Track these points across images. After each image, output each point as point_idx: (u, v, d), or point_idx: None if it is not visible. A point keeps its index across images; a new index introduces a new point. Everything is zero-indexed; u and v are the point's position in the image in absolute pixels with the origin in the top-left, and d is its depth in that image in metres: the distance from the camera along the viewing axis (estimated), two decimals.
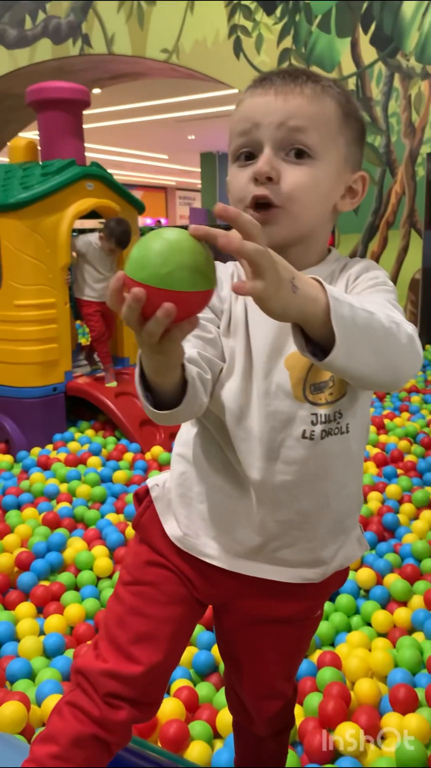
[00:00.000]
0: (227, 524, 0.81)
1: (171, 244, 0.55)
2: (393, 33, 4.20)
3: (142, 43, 5.05)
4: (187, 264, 0.55)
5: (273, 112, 0.74)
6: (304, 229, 0.76)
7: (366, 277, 0.78)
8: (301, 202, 0.74)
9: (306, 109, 0.74)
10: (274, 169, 0.73)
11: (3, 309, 2.83)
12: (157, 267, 0.55)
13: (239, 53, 4.67)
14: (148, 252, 0.55)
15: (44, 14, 5.44)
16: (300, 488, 0.77)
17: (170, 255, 0.55)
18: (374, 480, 2.32)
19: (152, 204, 16.80)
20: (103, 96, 7.31)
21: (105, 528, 2.01)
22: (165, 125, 10.84)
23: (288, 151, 0.74)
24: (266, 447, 0.76)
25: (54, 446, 2.83)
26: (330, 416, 0.75)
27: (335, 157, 0.76)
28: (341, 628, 1.57)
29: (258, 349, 0.76)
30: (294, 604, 0.86)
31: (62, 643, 1.53)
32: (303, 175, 0.73)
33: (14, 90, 5.87)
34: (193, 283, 0.56)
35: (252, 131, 0.75)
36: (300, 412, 0.75)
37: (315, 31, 4.41)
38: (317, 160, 0.74)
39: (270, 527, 0.79)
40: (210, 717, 1.29)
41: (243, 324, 0.77)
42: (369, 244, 4.49)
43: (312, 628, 0.94)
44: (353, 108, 0.79)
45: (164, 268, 0.55)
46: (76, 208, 2.90)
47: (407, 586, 1.66)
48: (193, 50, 4.83)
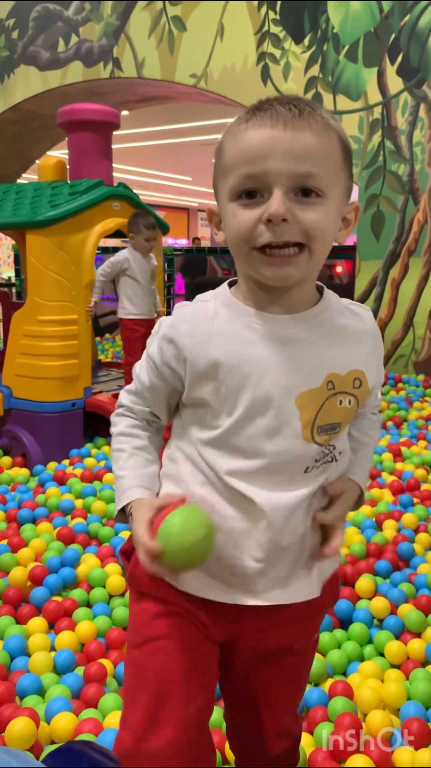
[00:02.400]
0: (223, 553, 0.79)
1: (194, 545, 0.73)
2: (419, 64, 4.24)
3: (171, 67, 5.15)
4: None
5: (284, 151, 0.70)
6: (317, 268, 0.76)
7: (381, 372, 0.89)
8: (318, 242, 0.73)
9: (316, 147, 0.71)
10: (290, 212, 0.71)
11: (26, 324, 2.87)
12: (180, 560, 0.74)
13: (267, 80, 4.74)
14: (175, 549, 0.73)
15: (77, 38, 5.58)
16: (297, 514, 0.79)
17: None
18: (390, 508, 2.30)
19: (174, 225, 16.93)
20: (130, 118, 7.45)
21: (119, 545, 2.01)
22: (190, 148, 10.99)
23: (298, 191, 0.72)
24: (271, 483, 0.78)
25: (70, 461, 2.84)
26: (325, 450, 0.80)
27: (338, 193, 0.75)
28: (353, 658, 1.55)
29: (267, 389, 0.76)
30: (295, 627, 0.85)
31: (73, 659, 1.53)
32: (316, 216, 0.72)
33: (45, 110, 5.99)
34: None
35: (260, 169, 0.71)
36: (307, 452, 0.78)
37: (342, 60, 4.47)
38: (325, 198, 0.73)
39: (270, 552, 0.79)
40: (219, 742, 1.27)
41: (240, 367, 0.77)
42: (390, 271, 4.50)
43: (311, 655, 0.95)
44: (348, 140, 0.77)
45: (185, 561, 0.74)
46: (102, 227, 2.95)
47: (422, 617, 1.64)
48: (222, 76, 4.92)
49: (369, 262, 4.57)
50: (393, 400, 3.81)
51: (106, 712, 1.35)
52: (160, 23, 5.14)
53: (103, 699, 1.38)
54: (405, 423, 3.53)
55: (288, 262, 0.73)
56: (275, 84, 4.72)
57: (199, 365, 0.78)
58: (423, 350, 4.45)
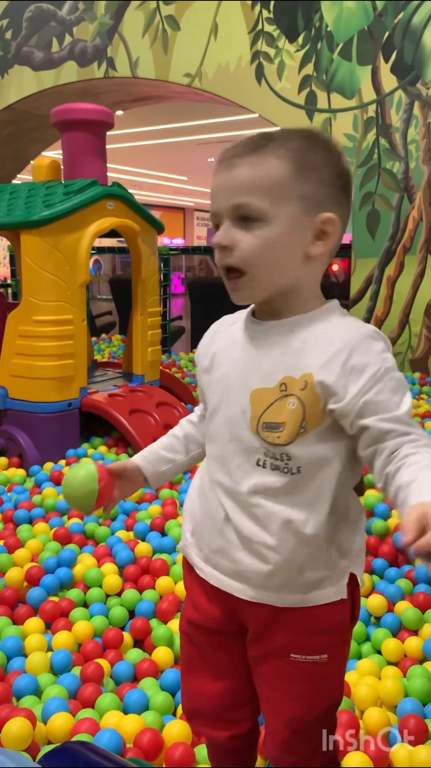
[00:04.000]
0: (200, 524, 0.92)
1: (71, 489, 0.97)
2: (414, 62, 4.24)
3: (165, 67, 5.14)
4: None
5: (223, 187, 0.82)
6: (273, 287, 0.83)
7: (386, 388, 0.80)
8: (258, 265, 0.81)
9: (249, 177, 0.80)
10: (229, 238, 0.81)
11: (21, 324, 2.86)
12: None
13: (261, 79, 4.74)
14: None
15: (71, 37, 5.57)
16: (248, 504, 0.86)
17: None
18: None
19: (170, 224, 16.95)
20: (125, 118, 7.43)
21: (115, 545, 2.01)
22: (185, 147, 10.99)
23: (239, 219, 0.81)
24: (227, 465, 0.87)
25: (67, 461, 2.84)
26: (276, 455, 0.83)
27: (289, 213, 0.80)
28: (350, 655, 1.55)
29: (231, 383, 0.87)
30: (276, 635, 0.88)
31: (70, 660, 1.53)
32: (254, 240, 0.80)
33: (39, 110, 5.98)
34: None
35: (213, 207, 0.84)
36: (255, 443, 0.84)
37: (336, 58, 4.47)
38: (268, 222, 0.80)
39: (227, 534, 0.87)
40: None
41: (221, 362, 0.90)
42: (385, 269, 4.50)
43: (310, 675, 0.88)
44: (313, 158, 0.82)
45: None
46: (97, 226, 2.94)
47: (419, 615, 1.64)
48: (216, 75, 4.91)
49: (364, 260, 4.57)
50: None
51: (103, 713, 1.35)
52: (153, 22, 5.14)
53: (100, 699, 1.38)
54: None
55: (234, 287, 0.84)
56: (269, 83, 4.72)
57: (204, 360, 0.94)
58: (419, 348, 4.46)
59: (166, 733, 1.27)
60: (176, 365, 5.00)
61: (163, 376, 3.57)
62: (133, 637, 1.66)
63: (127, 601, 1.76)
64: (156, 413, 3.01)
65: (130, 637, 1.66)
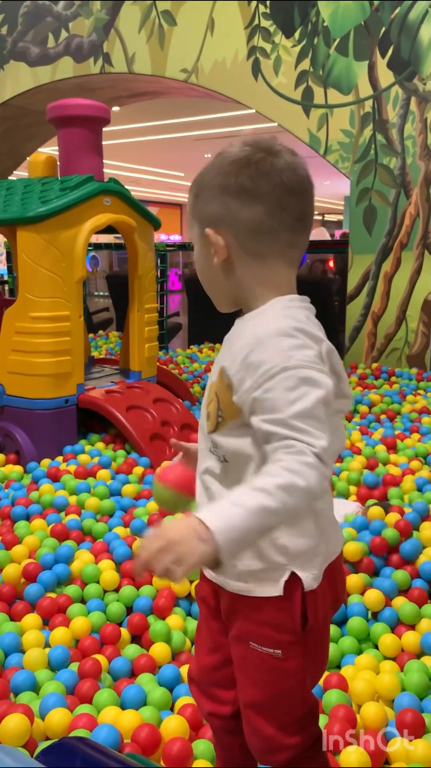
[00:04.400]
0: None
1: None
2: (410, 57, 4.24)
3: (162, 62, 5.12)
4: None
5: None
6: (223, 297, 0.93)
7: (279, 386, 0.78)
8: (202, 283, 0.95)
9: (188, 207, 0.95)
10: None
11: (18, 321, 2.86)
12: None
13: (257, 74, 4.73)
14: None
15: (67, 33, 5.54)
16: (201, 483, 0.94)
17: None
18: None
19: (167, 220, 16.91)
20: (122, 114, 7.41)
21: (113, 541, 2.01)
22: (182, 143, 10.97)
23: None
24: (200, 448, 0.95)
25: (64, 458, 2.84)
26: (210, 442, 0.89)
27: (196, 236, 0.92)
28: (348, 651, 1.56)
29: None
30: (236, 620, 0.91)
31: (67, 655, 1.53)
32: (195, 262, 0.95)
33: (35, 106, 5.96)
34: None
35: None
36: (205, 430, 0.91)
37: (333, 54, 4.46)
38: (194, 246, 0.94)
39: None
40: None
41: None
42: (382, 265, 4.50)
43: (268, 666, 0.89)
44: (208, 179, 0.89)
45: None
46: (93, 222, 2.93)
47: (416, 609, 1.64)
48: (212, 71, 4.90)
49: (361, 257, 4.57)
50: (386, 394, 3.82)
51: (101, 708, 1.35)
52: (149, 18, 5.12)
53: (98, 695, 1.38)
54: (399, 416, 3.53)
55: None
56: (266, 78, 4.70)
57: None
58: (416, 343, 4.46)
59: (164, 729, 1.28)
60: (173, 361, 5.00)
61: (160, 372, 3.57)
62: (130, 633, 1.66)
63: (124, 597, 1.76)
64: (153, 409, 3.01)
65: (128, 633, 1.66)
